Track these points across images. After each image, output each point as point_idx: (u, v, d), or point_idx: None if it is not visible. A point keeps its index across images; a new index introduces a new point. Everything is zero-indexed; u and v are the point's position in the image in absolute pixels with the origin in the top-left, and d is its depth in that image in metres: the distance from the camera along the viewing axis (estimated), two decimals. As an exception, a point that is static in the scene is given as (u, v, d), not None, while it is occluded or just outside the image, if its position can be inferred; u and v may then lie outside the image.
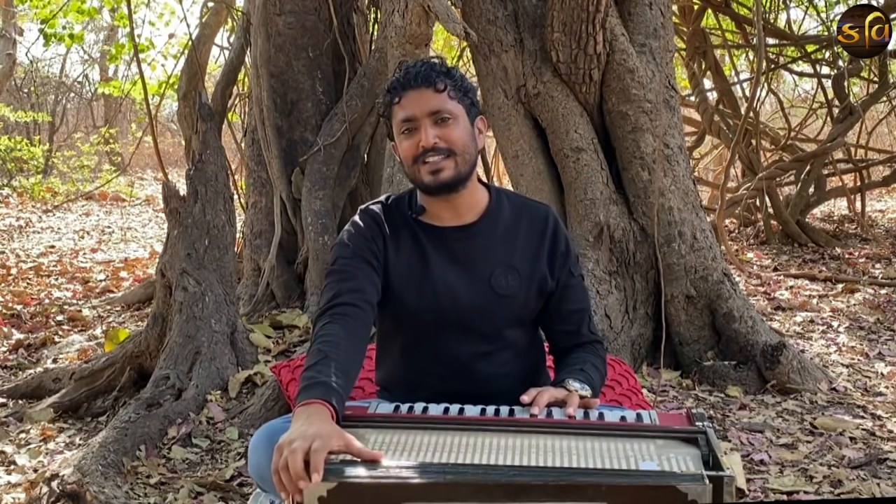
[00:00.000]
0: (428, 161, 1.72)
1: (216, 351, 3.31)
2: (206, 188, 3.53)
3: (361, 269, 1.76)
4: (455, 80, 1.76)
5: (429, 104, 1.73)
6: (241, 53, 5.14)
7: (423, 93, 1.73)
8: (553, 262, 1.85)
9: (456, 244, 1.82)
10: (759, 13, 5.25)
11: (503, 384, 1.81)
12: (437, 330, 1.81)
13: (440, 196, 1.78)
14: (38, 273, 6.53)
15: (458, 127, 1.75)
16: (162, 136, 13.85)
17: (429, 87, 1.73)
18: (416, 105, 1.73)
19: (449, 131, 1.73)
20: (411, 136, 1.74)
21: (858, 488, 2.51)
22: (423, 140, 1.72)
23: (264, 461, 1.70)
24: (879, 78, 7.26)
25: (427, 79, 1.74)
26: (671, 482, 1.30)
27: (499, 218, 1.84)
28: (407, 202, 1.86)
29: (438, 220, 1.82)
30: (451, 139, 1.73)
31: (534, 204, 1.93)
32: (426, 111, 1.73)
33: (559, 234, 1.87)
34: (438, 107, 1.73)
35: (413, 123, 1.74)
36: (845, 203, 8.30)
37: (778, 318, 4.67)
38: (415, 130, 1.74)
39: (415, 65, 1.77)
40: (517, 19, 3.73)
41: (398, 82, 1.76)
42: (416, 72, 1.75)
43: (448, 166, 1.73)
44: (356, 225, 1.84)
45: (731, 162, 6.02)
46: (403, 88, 1.75)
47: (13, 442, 3.06)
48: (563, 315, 1.88)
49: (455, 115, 1.75)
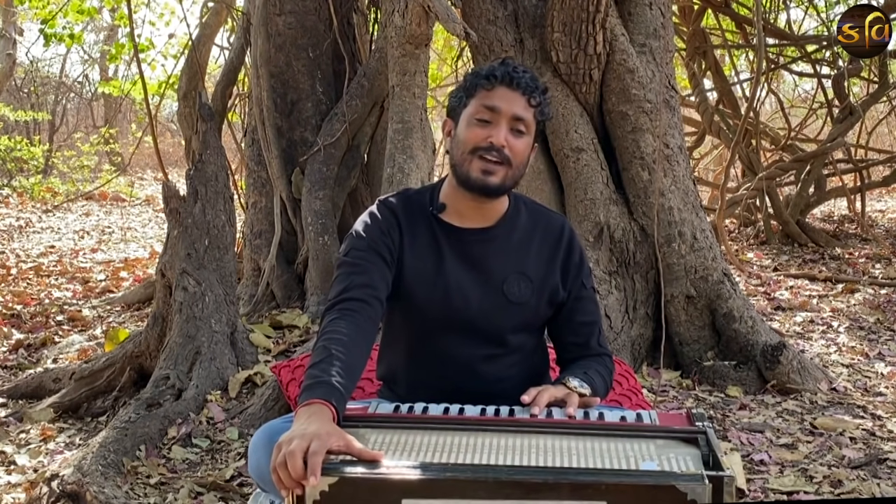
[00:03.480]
0: (486, 158, 1.73)
1: (216, 351, 3.31)
2: (206, 188, 3.53)
3: (374, 263, 1.75)
4: (546, 104, 1.79)
5: (517, 109, 1.74)
6: (241, 53, 5.14)
7: (518, 97, 1.75)
8: (566, 273, 1.86)
9: (472, 246, 1.82)
10: (759, 13, 5.24)
11: (506, 386, 1.81)
12: (443, 329, 1.81)
13: (474, 195, 1.77)
14: (38, 273, 6.53)
15: (527, 143, 1.77)
16: (162, 136, 13.85)
17: (525, 96, 1.75)
18: (507, 102, 1.74)
19: (519, 143, 1.75)
20: (483, 127, 1.74)
21: (858, 488, 2.52)
22: (495, 136, 1.73)
23: (264, 461, 1.70)
24: (879, 78, 7.26)
25: (528, 88, 1.75)
26: (671, 482, 1.30)
27: (516, 224, 1.85)
28: (428, 198, 1.86)
29: (458, 220, 1.82)
30: (517, 150, 1.75)
31: (551, 214, 1.94)
32: (513, 113, 1.74)
33: (574, 245, 1.88)
34: (523, 115, 1.75)
35: (494, 116, 1.74)
36: (845, 203, 8.30)
37: (778, 318, 4.67)
38: (490, 124, 1.74)
39: (522, 69, 1.79)
40: (517, 19, 3.73)
41: (502, 73, 1.76)
42: (522, 76, 1.76)
43: (500, 173, 1.74)
44: (373, 216, 1.83)
45: (731, 162, 6.01)
46: (502, 82, 1.76)
47: (13, 442, 3.07)
48: (573, 327, 1.89)
49: (530, 132, 1.77)
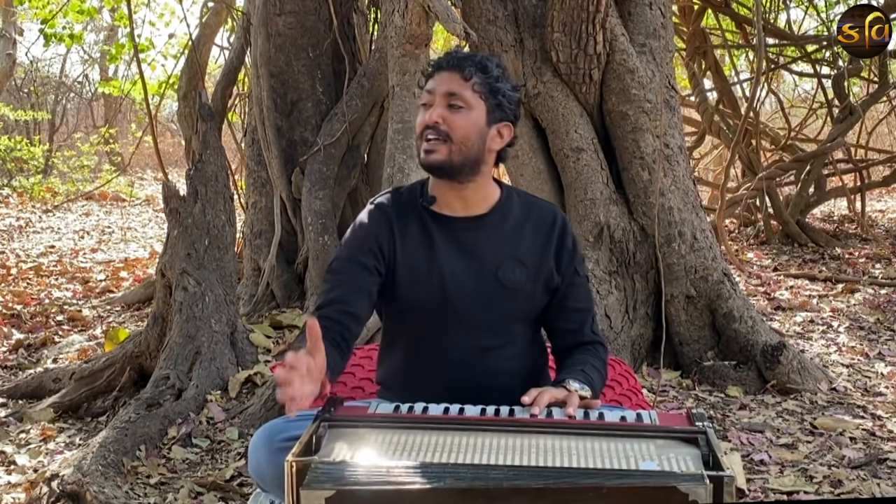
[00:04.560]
0: (427, 139, 1.75)
1: (216, 351, 3.31)
2: (206, 188, 3.53)
3: (351, 275, 1.78)
4: (488, 78, 1.77)
5: (449, 85, 1.76)
6: (241, 53, 5.14)
7: (451, 76, 1.76)
8: (560, 259, 1.86)
9: (464, 234, 1.83)
10: (759, 13, 5.24)
11: (504, 381, 1.81)
12: (441, 321, 1.82)
13: (435, 178, 1.81)
14: (38, 273, 6.53)
15: (466, 117, 1.76)
16: (162, 136, 13.84)
17: (457, 73, 1.76)
18: (441, 82, 1.77)
19: (456, 118, 1.75)
20: (424, 112, 1.78)
21: (858, 488, 2.52)
22: (427, 116, 1.75)
23: (264, 461, 1.70)
24: (879, 78, 7.26)
25: (459, 64, 1.77)
26: (671, 482, 1.30)
27: (508, 212, 1.86)
28: (419, 191, 1.87)
29: (449, 210, 1.83)
30: (454, 125, 1.74)
31: (542, 202, 1.95)
32: (444, 91, 1.75)
33: (566, 231, 1.88)
34: (456, 90, 1.75)
35: (430, 99, 1.77)
36: (845, 203, 8.30)
37: (778, 318, 4.67)
38: (429, 107, 1.77)
39: (458, 52, 1.82)
40: (517, 19, 3.73)
41: (437, 61, 1.81)
42: (454, 56, 1.79)
43: (441, 150, 1.74)
44: (361, 222, 1.85)
45: (731, 162, 6.01)
46: (438, 68, 1.79)
47: (13, 442, 3.06)
48: (565, 313, 1.88)
49: (470, 105, 1.76)
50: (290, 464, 1.36)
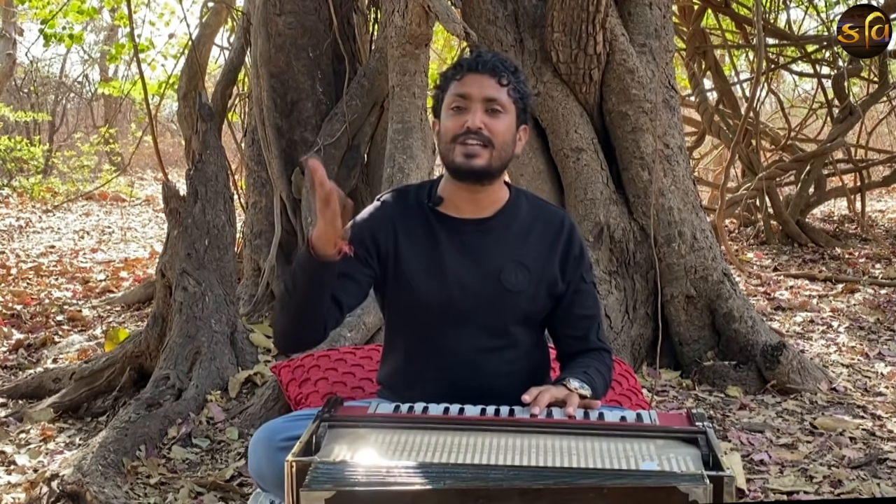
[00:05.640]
0: (467, 143, 1.74)
1: (216, 351, 3.31)
2: (206, 188, 3.53)
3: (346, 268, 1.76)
4: (519, 82, 1.80)
5: (488, 90, 1.76)
6: (241, 53, 5.13)
7: (487, 80, 1.76)
8: (565, 265, 1.86)
9: (469, 236, 1.83)
10: (759, 13, 5.24)
11: (506, 383, 1.80)
12: (442, 321, 1.82)
13: (465, 182, 1.79)
14: (38, 273, 6.52)
15: (505, 122, 1.77)
16: (162, 136, 13.84)
17: (493, 77, 1.76)
18: (476, 87, 1.76)
19: (497, 123, 1.76)
20: (459, 115, 1.76)
21: (858, 488, 2.51)
22: (470, 121, 1.74)
23: (264, 461, 1.71)
24: (879, 78, 7.26)
25: (494, 69, 1.77)
26: (671, 482, 1.30)
27: (515, 215, 1.86)
28: (427, 191, 1.87)
29: (456, 212, 1.83)
30: (496, 131, 1.75)
31: (552, 207, 1.95)
32: (483, 96, 1.75)
33: (574, 238, 1.88)
34: (495, 96, 1.76)
35: (466, 102, 1.76)
36: (845, 203, 8.29)
37: (778, 318, 4.67)
38: (464, 110, 1.76)
39: (487, 53, 1.82)
40: (517, 19, 3.73)
41: (467, 62, 1.79)
42: (487, 59, 1.78)
43: (483, 155, 1.74)
44: (363, 217, 1.86)
45: (731, 162, 6.01)
46: (469, 69, 1.78)
47: (13, 442, 3.06)
48: (571, 320, 1.89)
49: (507, 110, 1.77)
50: (289, 464, 1.36)
